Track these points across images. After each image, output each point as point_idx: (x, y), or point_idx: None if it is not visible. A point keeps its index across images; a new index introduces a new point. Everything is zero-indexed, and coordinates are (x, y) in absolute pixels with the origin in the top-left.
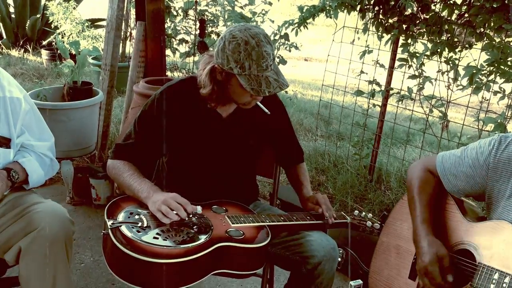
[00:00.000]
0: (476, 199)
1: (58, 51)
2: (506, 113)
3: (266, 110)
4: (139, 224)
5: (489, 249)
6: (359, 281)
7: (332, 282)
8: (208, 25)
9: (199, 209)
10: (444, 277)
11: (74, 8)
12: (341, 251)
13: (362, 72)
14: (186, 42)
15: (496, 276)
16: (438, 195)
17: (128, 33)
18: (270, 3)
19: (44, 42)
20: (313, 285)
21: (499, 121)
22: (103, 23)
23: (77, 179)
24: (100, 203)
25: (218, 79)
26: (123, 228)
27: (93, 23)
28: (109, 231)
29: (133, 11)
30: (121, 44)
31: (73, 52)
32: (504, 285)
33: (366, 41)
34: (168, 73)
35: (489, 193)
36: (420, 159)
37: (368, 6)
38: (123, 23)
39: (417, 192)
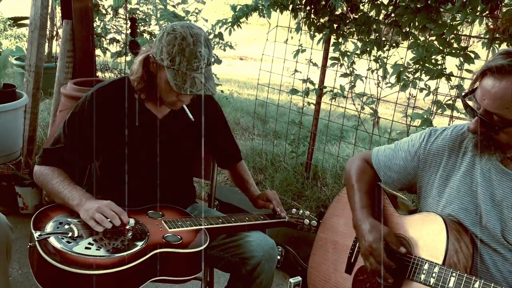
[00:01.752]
0: (409, 192)
1: None
2: (432, 109)
3: (191, 116)
4: (69, 234)
5: (419, 241)
6: (299, 278)
7: (271, 282)
8: (140, 24)
9: (131, 222)
10: (397, 250)
11: None
12: (280, 249)
13: (296, 71)
14: (117, 41)
15: (426, 266)
16: (374, 188)
17: (54, 32)
18: (204, 2)
19: None
20: (253, 285)
21: (425, 116)
22: (27, 21)
23: (1, 188)
24: (27, 212)
25: (150, 69)
26: (52, 240)
27: (16, 21)
28: (36, 243)
29: (59, 9)
30: (46, 44)
31: None
32: (434, 274)
33: (299, 40)
34: (99, 74)
35: (420, 184)
36: (357, 154)
37: (300, 6)
38: (49, 22)
39: (356, 180)
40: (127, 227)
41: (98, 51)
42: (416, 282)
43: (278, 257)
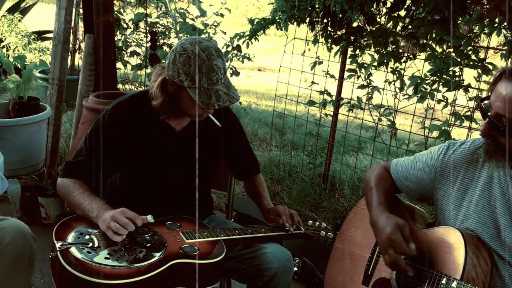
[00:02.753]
0: (426, 203)
1: (2, 66)
2: (450, 120)
3: (218, 123)
4: (90, 245)
5: (437, 255)
6: None
7: None
8: (160, 37)
9: (149, 218)
10: (408, 245)
11: (19, 20)
12: (297, 261)
13: (313, 82)
14: (138, 54)
15: (444, 281)
16: (393, 194)
17: (77, 46)
18: (222, 15)
19: None
20: None
21: (443, 128)
22: (51, 35)
23: (24, 198)
24: (50, 222)
25: (170, 91)
26: (73, 250)
27: (40, 35)
28: (58, 253)
29: (81, 23)
30: (69, 57)
31: (19, 66)
32: None
33: (316, 52)
34: (120, 86)
35: (436, 196)
36: (377, 164)
37: (316, 19)
38: (72, 36)
39: (374, 184)
40: (148, 230)
41: (119, 64)
42: None
43: (295, 269)
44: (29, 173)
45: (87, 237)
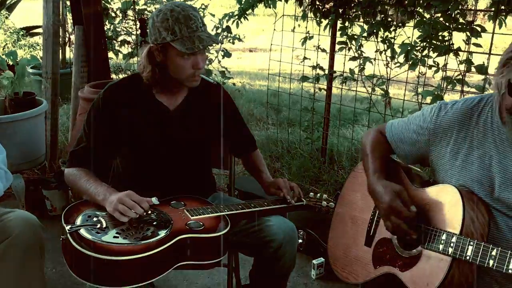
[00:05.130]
0: (422, 165)
1: None
2: (442, 85)
3: (212, 81)
4: (98, 226)
5: (436, 212)
6: (321, 259)
7: (294, 263)
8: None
9: (154, 200)
10: (408, 209)
11: (6, 18)
12: (301, 233)
13: (305, 58)
14: (128, 43)
15: (444, 236)
16: (389, 158)
17: (67, 39)
18: None
19: None
20: (277, 267)
21: (436, 93)
22: (39, 30)
23: (29, 192)
24: (56, 214)
25: (157, 60)
26: (82, 231)
27: (28, 31)
28: (68, 235)
29: (69, 16)
30: (60, 51)
31: (10, 62)
32: (452, 244)
33: (306, 27)
34: (113, 76)
35: (431, 157)
36: (372, 128)
37: None
38: (60, 29)
39: (370, 150)
40: (153, 209)
41: (110, 54)
42: (435, 252)
43: (300, 241)
44: (31, 168)
45: (94, 219)
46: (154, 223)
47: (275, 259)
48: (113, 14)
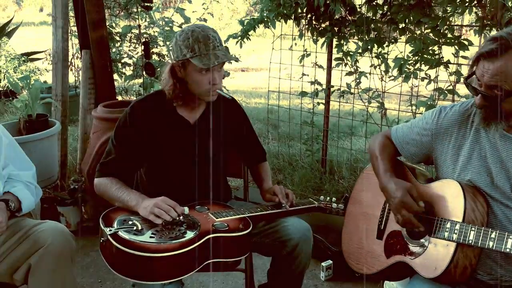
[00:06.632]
0: (426, 164)
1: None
2: (434, 96)
3: (227, 96)
4: (134, 228)
5: (440, 204)
6: (330, 261)
7: (309, 261)
8: (152, 47)
9: (186, 209)
10: (418, 203)
11: (6, 43)
12: None
13: (303, 74)
14: (129, 65)
15: (448, 225)
16: (396, 159)
17: (69, 62)
18: (205, 20)
19: None
20: (293, 265)
21: (429, 103)
22: (40, 55)
23: (44, 210)
24: (71, 230)
25: (178, 75)
26: (121, 233)
27: (28, 56)
28: (109, 237)
29: (74, 41)
30: None
31: (23, 86)
32: (456, 231)
33: (303, 45)
34: (119, 97)
35: (435, 155)
36: (378, 133)
37: (301, 14)
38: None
39: (379, 153)
40: (181, 217)
41: (115, 76)
42: (441, 239)
43: None
44: (45, 186)
45: (130, 222)
46: (184, 225)
47: (292, 257)
48: (117, 38)
